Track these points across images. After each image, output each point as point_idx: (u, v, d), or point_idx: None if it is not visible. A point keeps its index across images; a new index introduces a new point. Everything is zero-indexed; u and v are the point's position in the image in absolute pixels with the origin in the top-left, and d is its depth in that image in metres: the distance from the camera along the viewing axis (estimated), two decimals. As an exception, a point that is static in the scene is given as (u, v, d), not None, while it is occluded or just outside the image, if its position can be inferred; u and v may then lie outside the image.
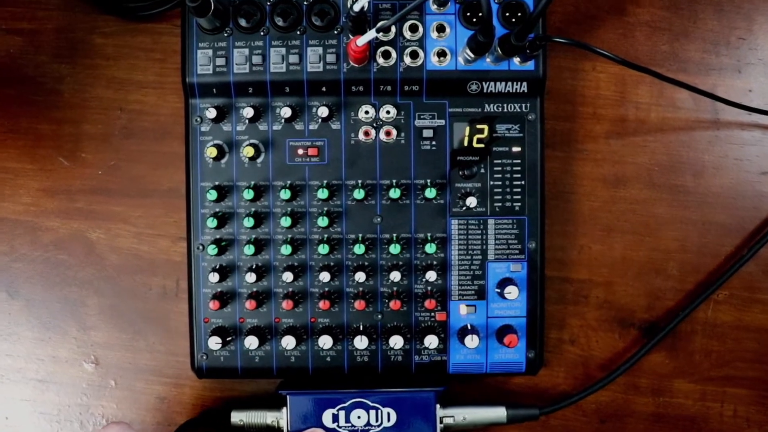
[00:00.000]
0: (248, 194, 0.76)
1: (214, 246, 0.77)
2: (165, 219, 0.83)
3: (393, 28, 0.75)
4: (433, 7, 0.76)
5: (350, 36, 0.75)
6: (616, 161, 0.84)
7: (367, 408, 0.76)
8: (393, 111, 0.77)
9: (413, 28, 0.76)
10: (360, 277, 0.77)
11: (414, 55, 0.76)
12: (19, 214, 0.82)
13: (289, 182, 0.77)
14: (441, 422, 0.77)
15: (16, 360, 0.83)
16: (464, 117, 0.78)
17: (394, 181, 0.78)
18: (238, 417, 0.78)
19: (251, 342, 0.76)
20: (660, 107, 0.84)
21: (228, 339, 0.78)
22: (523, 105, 0.78)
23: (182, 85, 0.77)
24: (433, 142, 0.78)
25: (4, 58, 0.82)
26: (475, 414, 0.79)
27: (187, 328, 0.79)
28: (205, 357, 0.78)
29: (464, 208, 0.78)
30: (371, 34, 0.70)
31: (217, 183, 0.77)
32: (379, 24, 0.70)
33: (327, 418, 0.76)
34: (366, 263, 0.78)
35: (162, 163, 0.83)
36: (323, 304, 0.77)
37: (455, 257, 0.79)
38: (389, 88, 0.77)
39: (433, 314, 0.79)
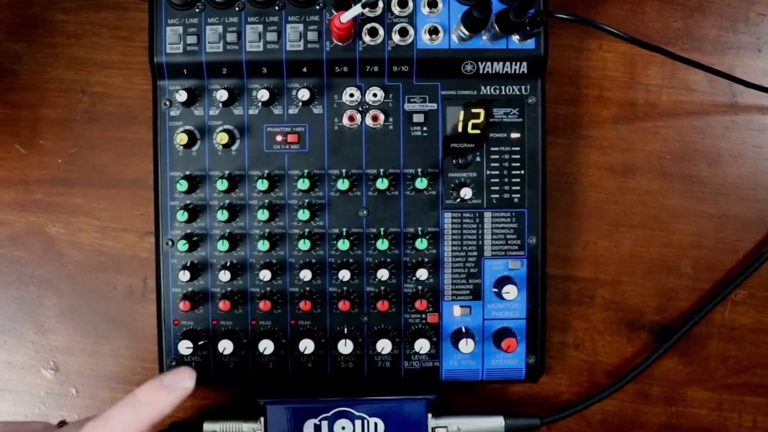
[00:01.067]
0: (222, 185, 0.76)
1: (184, 241, 0.77)
2: (131, 212, 0.82)
3: (380, 3, 0.75)
4: (425, -20, 0.76)
5: (333, 11, 0.75)
6: (624, 149, 0.84)
7: (352, 418, 0.76)
8: (380, 94, 0.77)
9: (402, 3, 0.76)
10: (344, 275, 0.77)
11: (403, 33, 0.76)
12: (-29, 206, 0.82)
13: (266, 172, 0.77)
14: (433, 433, 0.77)
15: (-33, 366, 0.83)
16: (458, 100, 0.78)
17: (381, 170, 0.77)
18: (211, 428, 0.78)
19: (225, 346, 0.76)
20: (672, 90, 0.84)
21: (200, 343, 0.77)
22: (523, 87, 0.78)
23: (150, 66, 0.76)
24: (424, 128, 0.78)
25: (-46, 37, 0.82)
26: (470, 424, 0.78)
27: (155, 332, 0.79)
28: (174, 363, 0.78)
29: (458, 200, 0.78)
30: (357, 9, 0.70)
31: (187, 172, 0.77)
32: (365, -2, 0.69)
33: (308, 428, 0.76)
34: (351, 260, 0.78)
35: (128, 151, 0.82)
36: (304, 305, 0.77)
37: (448, 254, 0.79)
38: (376, 68, 0.77)
39: (424, 316, 0.79)
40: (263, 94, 0.76)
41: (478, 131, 0.78)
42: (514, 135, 0.78)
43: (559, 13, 0.71)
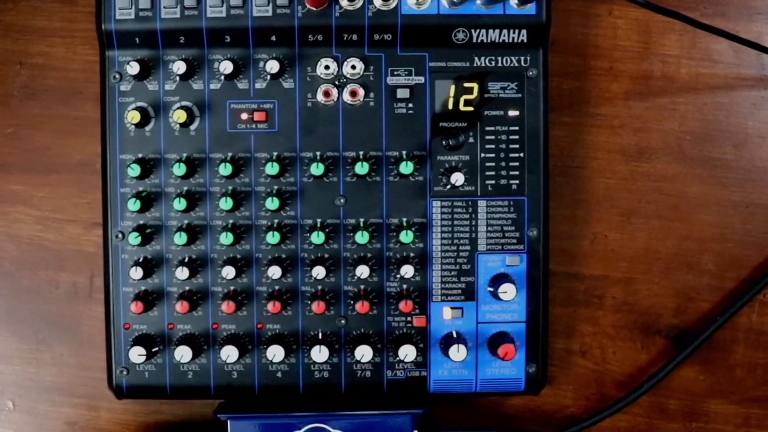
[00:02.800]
0: (179, 169, 0.76)
1: (136, 234, 0.77)
2: (76, 200, 0.82)
3: (360, -39, 0.75)
4: (410, -65, 0.76)
5: (306, -29, 0.75)
6: (637, 128, 0.85)
7: (327, 435, 0.76)
8: (360, 66, 0.77)
9: (385, -38, 0.76)
10: (319, 272, 0.77)
11: (386, -5, 0.76)
12: None
13: (230, 155, 0.77)
14: (420, 452, 0.78)
15: None
16: (448, 73, 0.78)
17: (361, 153, 0.78)
18: (166, 447, 0.76)
19: (183, 354, 0.76)
20: (692, 61, 0.85)
21: (154, 350, 0.77)
22: (522, 58, 0.78)
23: (97, 34, 0.77)
24: (410, 105, 0.78)
25: None
26: (462, 443, 0.79)
27: (104, 337, 0.79)
28: (125, 372, 0.78)
29: (448, 186, 0.78)
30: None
31: (140, 155, 0.77)
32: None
33: (277, 447, 0.77)
34: (326, 255, 0.78)
35: (72, 131, 0.82)
36: (273, 307, 0.77)
37: (437, 248, 0.79)
38: (355, 37, 0.77)
39: (409, 319, 0.79)
40: (226, 67, 0.76)
41: (471, 108, 0.78)
42: (512, 113, 0.78)
43: (563, -28, 0.71)
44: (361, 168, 0.76)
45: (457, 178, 0.77)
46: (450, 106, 0.78)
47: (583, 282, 0.84)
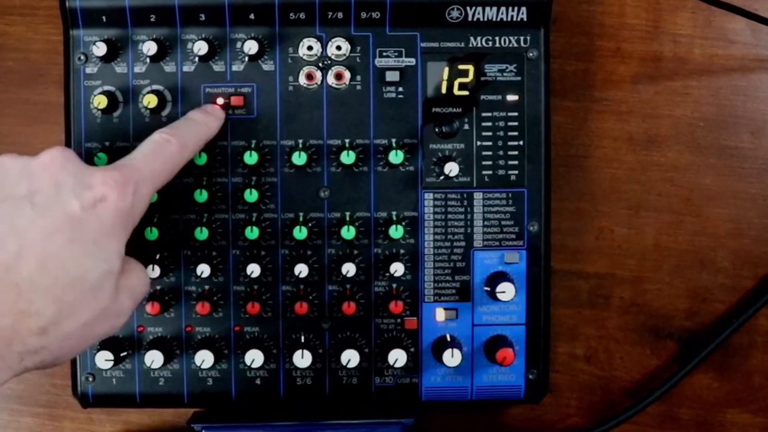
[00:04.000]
0: None
1: None
2: None
3: (345, -69, 0.76)
4: None
5: (286, -59, 0.75)
6: (647, 114, 0.84)
7: (310, 446, 0.78)
8: (345, 46, 0.77)
9: (373, -68, 0.76)
10: (301, 270, 0.77)
11: (374, -30, 0.76)
12: None
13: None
14: (410, 465, 0.79)
15: None
16: (442, 54, 0.78)
17: (346, 141, 0.78)
18: (135, 459, 0.77)
19: (154, 359, 0.76)
20: (707, 41, 0.85)
21: (122, 354, 0.77)
22: (522, 38, 0.78)
23: (60, 11, 0.76)
24: (400, 89, 0.78)
25: None
26: (456, 455, 0.79)
27: None
28: (91, 379, 0.77)
29: (442, 177, 0.78)
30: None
31: (107, 144, 0.77)
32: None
33: (256, 459, 0.78)
34: (309, 252, 0.78)
35: (33, 117, 0.82)
36: (251, 308, 0.77)
37: (430, 244, 0.79)
38: (340, 15, 0.77)
39: (399, 321, 0.79)
40: (200, 47, 0.75)
41: (466, 92, 0.78)
42: (511, 97, 0.78)
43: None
44: (347, 157, 0.76)
45: (451, 168, 0.76)
46: (443, 90, 0.78)
47: (588, 281, 0.84)
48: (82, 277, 0.60)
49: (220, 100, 0.76)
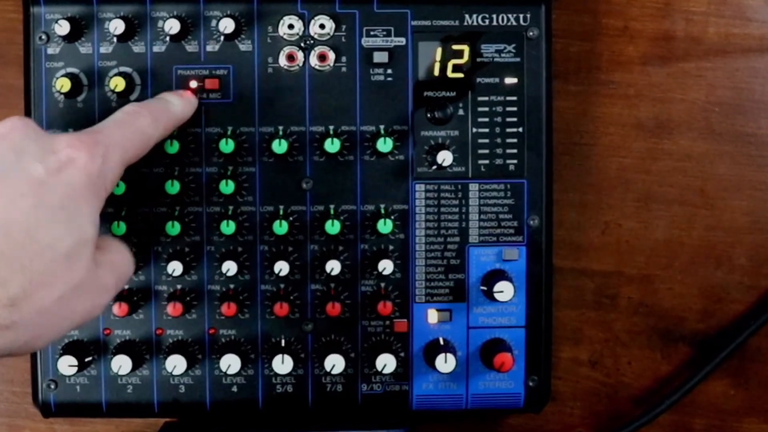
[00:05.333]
0: None
1: None
2: None
3: None
4: None
5: None
6: (657, 98, 0.85)
7: (291, 459, 0.78)
8: (330, 25, 0.77)
9: None
10: (281, 268, 0.76)
11: (359, -60, 0.77)
12: None
13: (176, 130, 0.76)
14: (401, 480, 0.79)
15: None
16: (435, 34, 0.78)
17: (331, 127, 0.78)
18: (101, 474, 0.77)
19: (122, 364, 0.75)
20: (722, 19, 0.85)
21: (87, 359, 0.77)
22: (521, 16, 0.78)
23: None
24: (389, 71, 0.78)
25: None
26: (450, 469, 0.80)
27: None
28: (53, 386, 0.77)
29: (434, 167, 0.78)
30: None
31: (70, 130, 0.75)
32: None
33: (232, 473, 0.78)
34: (290, 248, 0.78)
35: None
36: (227, 309, 0.77)
37: (421, 240, 0.79)
38: None
39: (388, 323, 0.79)
40: (172, 26, 0.75)
41: (460, 75, 0.78)
42: (510, 80, 0.78)
43: None
44: (332, 145, 0.76)
45: (445, 158, 0.76)
46: (436, 73, 0.78)
47: (593, 280, 0.85)
48: (51, 245, 0.59)
49: (194, 84, 0.77)
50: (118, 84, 0.75)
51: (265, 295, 0.78)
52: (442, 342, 0.77)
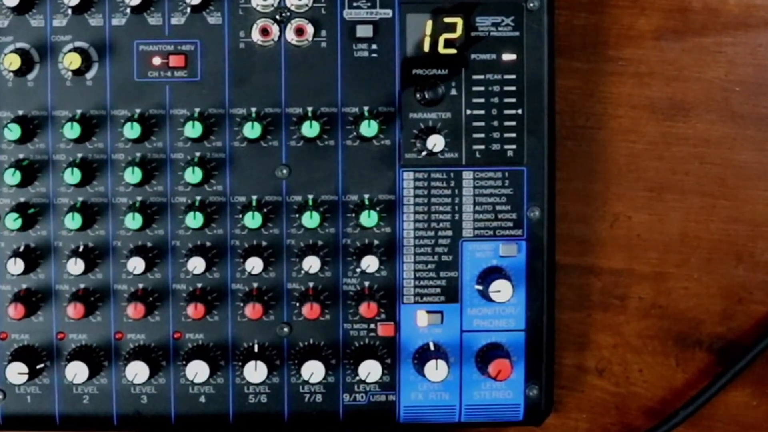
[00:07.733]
0: (72, 131, 0.76)
1: (16, 215, 0.77)
2: None
3: None
4: None
5: None
6: (671, 77, 0.85)
7: (265, 478, 0.76)
8: None
9: None
10: (254, 265, 0.77)
11: None
12: None
13: (138, 111, 0.78)
14: (387, 500, 0.78)
15: None
16: (424, 5, 0.79)
17: (309, 109, 0.78)
18: (56, 494, 0.77)
19: (77, 371, 0.76)
20: None
21: (39, 366, 0.77)
22: None
23: None
24: (374, 47, 0.79)
25: None
26: (442, 488, 0.81)
27: None
28: (1, 396, 0.78)
29: (424, 153, 0.78)
30: None
31: (21, 113, 0.78)
32: None
33: (200, 493, 0.77)
34: (264, 243, 0.79)
35: None
36: (194, 311, 0.78)
37: (410, 233, 0.79)
38: None
39: (373, 326, 0.80)
40: None
41: (453, 51, 0.78)
42: (508, 56, 0.78)
43: None
44: (310, 129, 0.76)
45: (435, 142, 0.77)
46: (426, 48, 0.78)
47: (601, 278, 0.85)
48: None
49: (157, 60, 0.77)
50: (73, 61, 0.75)
51: (236, 295, 0.78)
52: (432, 347, 0.78)
